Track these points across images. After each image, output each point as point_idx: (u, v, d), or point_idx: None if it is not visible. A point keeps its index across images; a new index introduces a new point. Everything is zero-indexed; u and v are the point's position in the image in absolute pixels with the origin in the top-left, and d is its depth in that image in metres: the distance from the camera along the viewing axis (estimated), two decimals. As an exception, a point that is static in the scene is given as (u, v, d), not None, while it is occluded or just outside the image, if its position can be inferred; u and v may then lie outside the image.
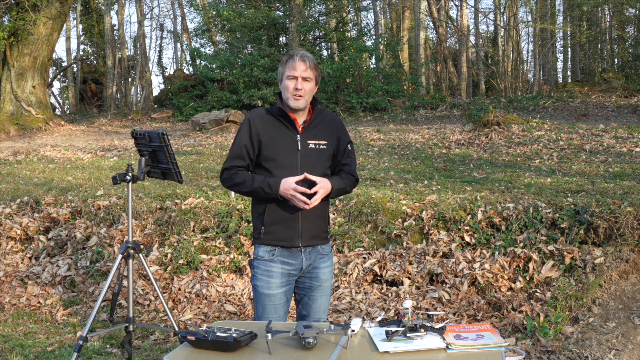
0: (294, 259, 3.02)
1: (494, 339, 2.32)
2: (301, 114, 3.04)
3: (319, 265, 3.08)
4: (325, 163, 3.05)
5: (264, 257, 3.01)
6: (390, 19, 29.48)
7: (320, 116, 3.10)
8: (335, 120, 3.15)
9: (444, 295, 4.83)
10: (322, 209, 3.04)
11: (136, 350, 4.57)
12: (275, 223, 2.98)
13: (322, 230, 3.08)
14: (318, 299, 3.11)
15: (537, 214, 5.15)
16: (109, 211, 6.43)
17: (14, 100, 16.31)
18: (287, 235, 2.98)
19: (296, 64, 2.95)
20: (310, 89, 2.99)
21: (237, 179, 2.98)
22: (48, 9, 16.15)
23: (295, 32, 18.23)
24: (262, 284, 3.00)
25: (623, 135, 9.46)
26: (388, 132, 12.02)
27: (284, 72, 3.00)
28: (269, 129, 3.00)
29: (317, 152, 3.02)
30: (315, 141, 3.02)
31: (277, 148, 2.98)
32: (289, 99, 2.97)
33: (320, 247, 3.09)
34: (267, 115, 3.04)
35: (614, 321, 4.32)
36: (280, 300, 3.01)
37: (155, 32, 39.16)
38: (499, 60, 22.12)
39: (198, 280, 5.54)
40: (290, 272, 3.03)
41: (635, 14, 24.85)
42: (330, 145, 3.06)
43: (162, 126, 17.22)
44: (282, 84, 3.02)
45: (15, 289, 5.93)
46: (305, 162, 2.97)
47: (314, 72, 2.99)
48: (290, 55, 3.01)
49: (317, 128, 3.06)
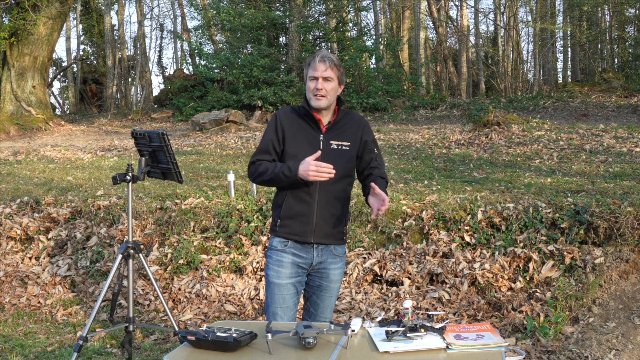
0: (305, 253, 3.07)
1: (494, 339, 2.32)
2: (326, 114, 3.10)
3: (329, 266, 3.12)
4: (347, 164, 3.08)
5: (277, 247, 3.08)
6: (390, 19, 29.48)
7: (347, 118, 3.14)
8: (362, 122, 3.18)
9: (444, 295, 4.83)
10: (338, 208, 3.08)
11: (136, 350, 4.57)
12: (291, 217, 3.05)
13: (338, 230, 3.11)
14: (326, 299, 3.17)
15: (537, 214, 5.15)
16: (109, 211, 6.43)
17: (14, 100, 16.31)
18: (300, 231, 3.04)
19: (316, 64, 3.02)
20: (332, 89, 3.04)
21: (261, 169, 3.04)
22: (48, 9, 16.16)
23: (295, 32, 18.23)
24: (273, 273, 3.07)
25: (623, 135, 9.45)
26: (388, 132, 12.02)
27: (307, 74, 3.09)
28: (294, 127, 3.07)
29: (338, 153, 3.06)
30: (338, 142, 3.07)
31: (299, 145, 3.03)
32: (311, 99, 3.05)
33: (334, 248, 3.12)
34: (292, 114, 3.12)
35: (614, 321, 4.32)
36: (289, 290, 3.06)
37: (155, 32, 39.18)
38: (499, 60, 22.12)
39: (198, 280, 5.54)
40: (300, 265, 3.07)
41: (635, 14, 24.86)
42: (354, 147, 3.10)
43: (162, 126, 17.22)
44: (306, 86, 3.10)
45: (15, 289, 5.93)
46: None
47: (335, 72, 3.05)
48: (312, 56, 3.10)
49: (342, 129, 3.10)
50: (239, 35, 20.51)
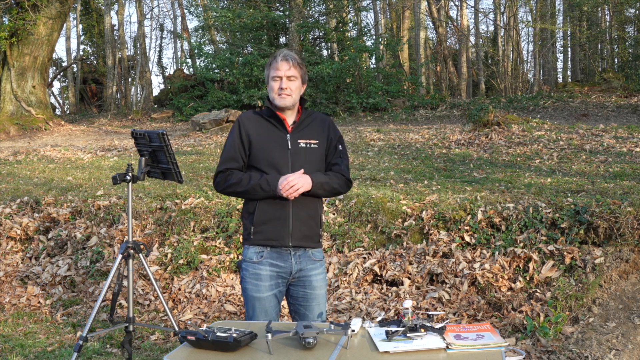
0: (282, 261, 2.96)
1: (494, 339, 2.32)
2: (290, 114, 3.03)
3: (310, 272, 3.01)
4: (318, 162, 3.01)
5: (252, 259, 2.96)
6: (390, 19, 29.48)
7: (311, 117, 3.09)
8: (326, 120, 3.12)
9: (444, 295, 4.82)
10: (313, 209, 3.00)
11: (136, 350, 4.57)
12: (265, 222, 2.94)
13: (314, 232, 3.02)
14: (315, 308, 3.04)
15: (537, 214, 5.15)
16: (109, 211, 6.43)
17: (14, 100, 16.31)
18: (276, 235, 2.93)
19: (279, 64, 2.95)
20: (296, 88, 2.98)
21: (233, 179, 2.94)
22: (48, 9, 16.16)
23: (295, 32, 18.23)
24: (252, 287, 2.96)
25: (623, 135, 9.45)
26: (388, 132, 12.02)
27: (269, 74, 3.00)
28: (259, 130, 2.99)
29: (308, 151, 2.99)
30: (306, 140, 3.00)
31: (267, 148, 2.96)
32: (275, 98, 2.97)
33: (311, 252, 3.02)
34: (256, 117, 3.04)
35: (614, 321, 4.32)
36: (270, 302, 2.96)
37: (155, 32, 39.16)
38: (499, 60, 22.11)
39: (198, 280, 5.54)
40: (280, 274, 2.97)
41: (635, 14, 24.86)
42: (322, 145, 3.03)
43: (162, 126, 17.22)
44: (268, 86, 3.01)
45: (15, 289, 5.93)
46: (296, 161, 2.95)
47: (298, 71, 2.98)
48: (273, 56, 3.01)
49: (308, 127, 3.04)
50: (239, 36, 20.51)
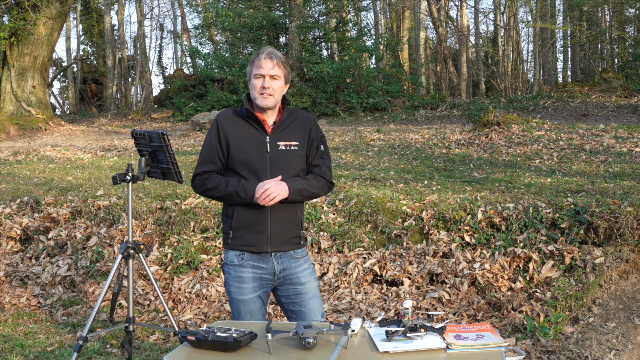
0: (264, 263, 2.91)
1: (494, 339, 2.32)
2: (270, 115, 2.93)
3: (295, 270, 2.95)
4: (297, 165, 2.92)
5: (234, 262, 2.91)
6: (390, 19, 29.49)
7: (292, 116, 2.97)
8: (309, 119, 3.00)
9: (444, 295, 4.82)
10: (292, 213, 2.93)
11: (136, 350, 4.57)
12: (243, 228, 2.88)
13: (294, 235, 2.95)
14: (309, 302, 2.97)
15: (537, 214, 5.15)
16: (109, 211, 6.43)
17: (14, 100, 16.32)
18: (255, 241, 2.88)
19: (262, 62, 2.84)
20: (279, 88, 2.88)
21: (210, 184, 2.87)
22: (48, 9, 16.16)
23: (295, 32, 18.23)
24: (235, 289, 2.91)
25: (623, 135, 9.45)
26: (388, 132, 12.02)
27: (251, 72, 2.89)
28: (237, 131, 2.89)
29: (287, 154, 2.89)
30: (285, 142, 2.90)
31: (245, 150, 2.87)
32: (256, 98, 2.86)
33: (293, 252, 2.96)
34: (235, 117, 2.93)
35: (614, 321, 4.32)
36: (255, 304, 2.92)
37: (155, 32, 39.18)
38: (499, 60, 22.11)
39: (198, 280, 5.54)
40: (263, 276, 2.92)
41: (635, 14, 24.87)
42: (302, 146, 2.93)
43: (162, 126, 17.22)
44: (250, 84, 2.91)
45: (15, 289, 5.93)
46: (275, 164, 2.86)
47: (282, 70, 2.88)
48: (257, 53, 2.91)
49: (288, 129, 2.93)
50: (239, 35, 20.51)
